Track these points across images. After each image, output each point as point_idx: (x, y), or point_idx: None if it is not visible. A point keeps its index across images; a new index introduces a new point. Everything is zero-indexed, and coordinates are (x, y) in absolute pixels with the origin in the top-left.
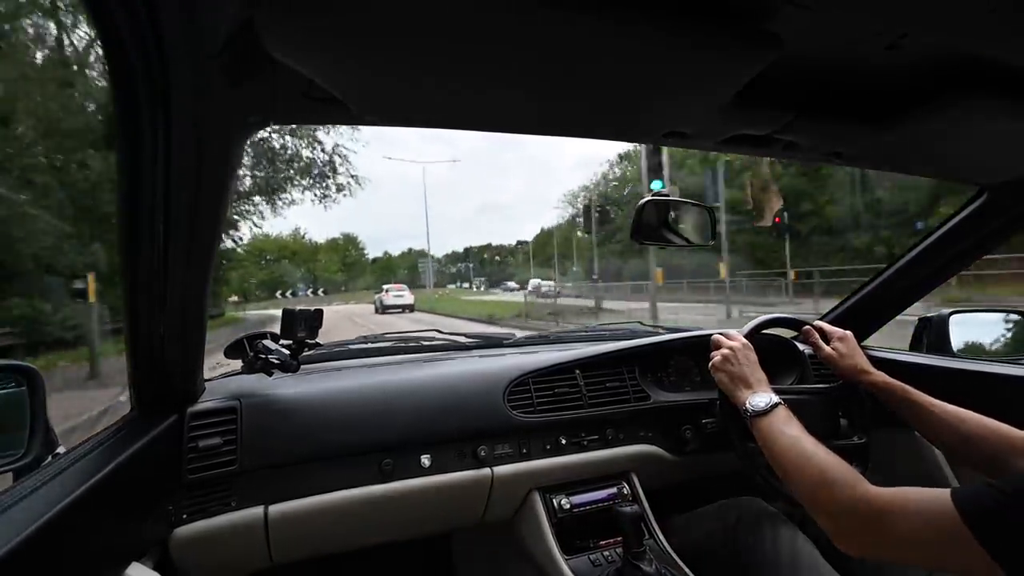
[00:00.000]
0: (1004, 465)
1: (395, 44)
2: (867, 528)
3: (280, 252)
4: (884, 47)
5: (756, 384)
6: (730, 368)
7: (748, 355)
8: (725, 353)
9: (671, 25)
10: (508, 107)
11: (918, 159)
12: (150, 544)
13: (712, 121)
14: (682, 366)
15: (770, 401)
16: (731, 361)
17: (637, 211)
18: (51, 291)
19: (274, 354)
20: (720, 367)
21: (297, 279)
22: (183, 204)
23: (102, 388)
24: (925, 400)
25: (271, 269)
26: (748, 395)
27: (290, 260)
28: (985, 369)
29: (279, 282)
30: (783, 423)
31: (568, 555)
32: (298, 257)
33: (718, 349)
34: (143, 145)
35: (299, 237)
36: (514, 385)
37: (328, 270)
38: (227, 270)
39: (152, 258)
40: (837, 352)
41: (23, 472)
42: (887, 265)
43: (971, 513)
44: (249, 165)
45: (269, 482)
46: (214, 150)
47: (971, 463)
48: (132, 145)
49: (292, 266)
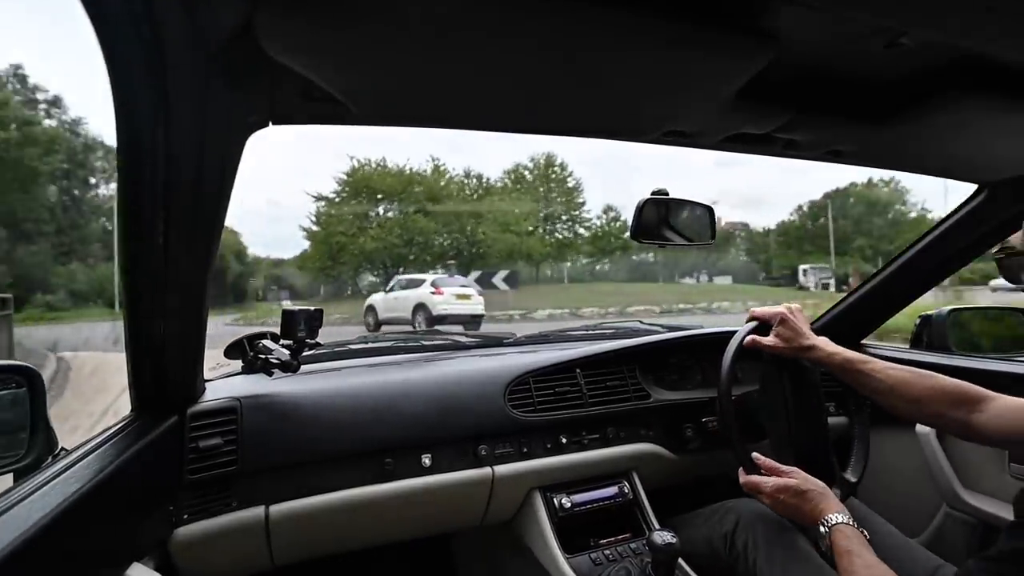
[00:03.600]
0: (946, 420)
1: (394, 45)
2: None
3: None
4: (883, 45)
5: (823, 500)
6: (789, 501)
7: (799, 484)
8: (777, 485)
9: (670, 24)
10: (507, 107)
11: (917, 157)
12: (150, 545)
13: (711, 120)
14: (683, 365)
15: (847, 515)
16: (784, 492)
17: (636, 210)
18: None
19: (274, 354)
20: (776, 504)
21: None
22: (183, 205)
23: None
24: (870, 368)
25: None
26: (823, 509)
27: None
28: (985, 367)
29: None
30: (863, 544)
31: (569, 554)
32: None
33: (755, 484)
34: (143, 146)
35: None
36: (515, 384)
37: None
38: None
39: (153, 259)
40: (780, 337)
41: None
42: (887, 263)
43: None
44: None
45: (270, 482)
46: (213, 151)
47: (922, 421)
48: (132, 146)
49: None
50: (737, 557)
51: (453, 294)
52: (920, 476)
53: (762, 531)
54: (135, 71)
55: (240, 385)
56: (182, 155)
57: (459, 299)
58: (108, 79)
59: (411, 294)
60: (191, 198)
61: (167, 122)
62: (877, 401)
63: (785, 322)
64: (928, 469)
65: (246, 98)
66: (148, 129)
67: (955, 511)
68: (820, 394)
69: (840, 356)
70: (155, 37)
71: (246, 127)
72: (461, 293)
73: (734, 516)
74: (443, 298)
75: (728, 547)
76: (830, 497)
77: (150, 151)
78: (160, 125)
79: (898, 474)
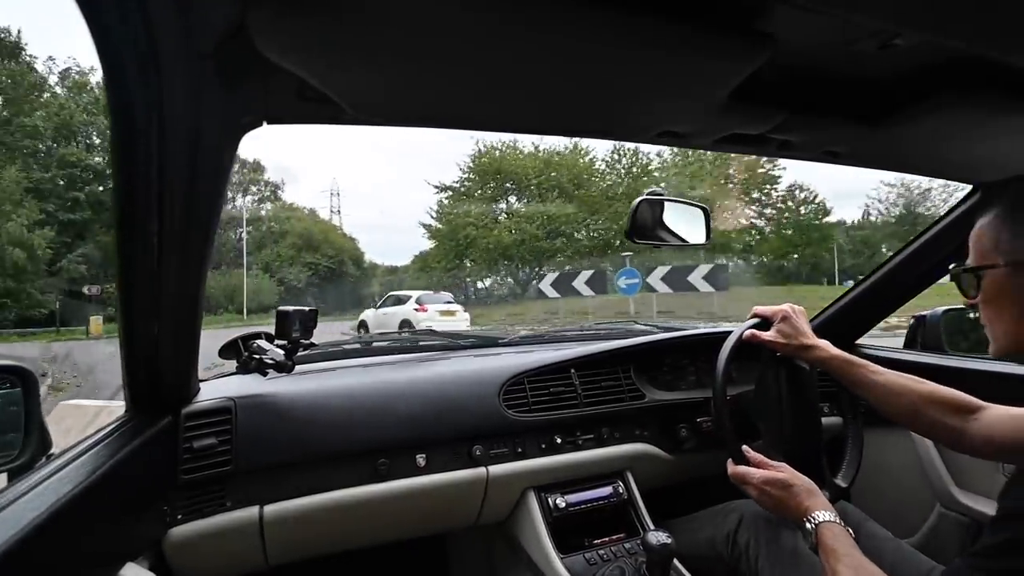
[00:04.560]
0: (939, 429)
1: (388, 44)
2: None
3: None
4: (877, 47)
5: (810, 497)
6: (776, 493)
7: (786, 478)
8: (764, 478)
9: (665, 25)
10: (501, 107)
11: (912, 157)
12: (145, 545)
13: (706, 120)
14: (677, 365)
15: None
16: (771, 485)
17: (632, 211)
18: None
19: (269, 354)
20: (764, 498)
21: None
22: (177, 204)
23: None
24: (867, 373)
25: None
26: (808, 506)
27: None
28: (978, 367)
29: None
30: (850, 542)
31: (563, 554)
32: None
33: (744, 477)
34: (137, 146)
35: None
36: (509, 384)
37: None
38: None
39: (147, 258)
40: (781, 333)
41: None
42: (881, 264)
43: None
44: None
45: (264, 482)
46: (207, 151)
47: (916, 430)
48: (126, 146)
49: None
50: (739, 556)
51: (437, 311)
52: (914, 476)
53: (764, 530)
54: (129, 70)
55: (235, 385)
56: (176, 155)
57: (443, 315)
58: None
59: (398, 310)
60: (185, 198)
61: (161, 121)
62: (873, 406)
63: (787, 319)
64: (922, 469)
65: (240, 98)
66: (142, 129)
67: (949, 511)
68: (815, 395)
69: (839, 359)
70: (149, 36)
71: (240, 127)
72: (445, 310)
73: (736, 515)
74: (427, 315)
75: (731, 547)
76: (817, 495)
77: (144, 151)
78: (154, 125)
79: (892, 474)
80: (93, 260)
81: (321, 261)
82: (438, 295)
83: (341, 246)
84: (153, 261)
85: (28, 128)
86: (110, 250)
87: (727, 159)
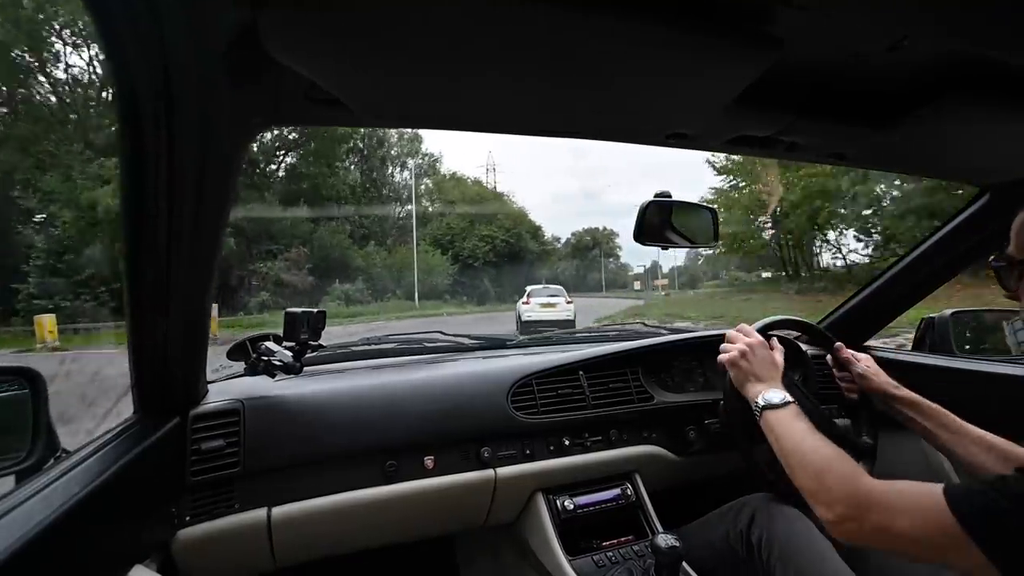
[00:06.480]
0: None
1: (396, 46)
2: (861, 518)
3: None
4: (885, 49)
5: (769, 380)
6: (744, 364)
7: (763, 352)
8: (741, 348)
9: (674, 28)
10: (511, 109)
11: (921, 159)
12: (153, 547)
13: (715, 123)
14: (685, 367)
15: (784, 398)
16: (746, 357)
17: (640, 212)
18: None
19: (277, 356)
20: (734, 362)
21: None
22: (187, 205)
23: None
24: (950, 422)
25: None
26: (761, 389)
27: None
28: (986, 369)
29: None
30: (793, 418)
31: (572, 556)
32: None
33: (733, 344)
34: (146, 147)
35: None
36: (518, 386)
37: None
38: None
39: (155, 260)
40: (870, 369)
41: (26, 475)
42: (889, 266)
43: (967, 515)
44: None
45: (272, 484)
46: (217, 152)
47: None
48: (135, 147)
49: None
50: (753, 552)
51: (538, 303)
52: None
53: (778, 525)
54: (138, 70)
55: (243, 387)
56: (185, 155)
57: (543, 307)
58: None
59: (524, 305)
60: (194, 198)
61: (170, 122)
62: (965, 468)
63: (868, 361)
64: (931, 472)
65: (249, 99)
66: (151, 128)
67: None
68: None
69: (930, 410)
70: (159, 37)
71: (249, 128)
72: (546, 302)
73: (749, 511)
74: (529, 307)
75: (744, 543)
76: (776, 375)
77: (153, 151)
78: (163, 125)
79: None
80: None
81: (498, 234)
82: (545, 287)
83: (517, 216)
84: (162, 261)
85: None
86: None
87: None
